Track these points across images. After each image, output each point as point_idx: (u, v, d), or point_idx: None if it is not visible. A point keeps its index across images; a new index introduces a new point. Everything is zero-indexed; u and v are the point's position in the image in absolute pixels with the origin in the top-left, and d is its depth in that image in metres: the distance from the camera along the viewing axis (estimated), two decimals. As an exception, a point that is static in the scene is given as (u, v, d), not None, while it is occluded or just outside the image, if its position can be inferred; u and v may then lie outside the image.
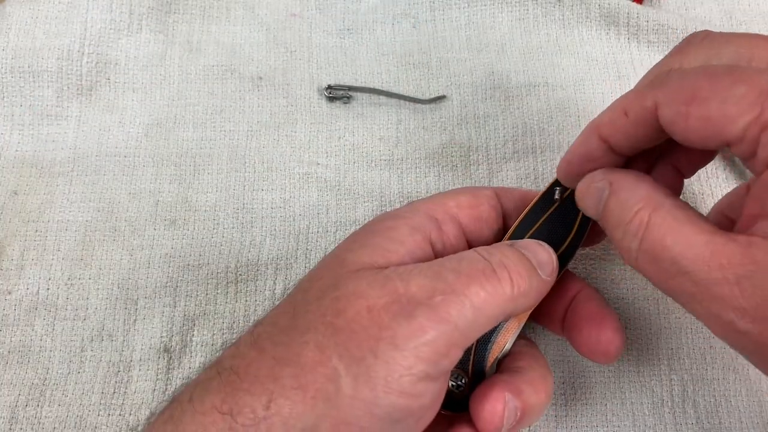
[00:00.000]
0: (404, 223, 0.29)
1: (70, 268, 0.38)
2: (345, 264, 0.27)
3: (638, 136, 0.26)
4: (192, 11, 0.45)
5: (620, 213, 0.25)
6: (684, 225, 0.23)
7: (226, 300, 0.37)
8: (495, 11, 0.45)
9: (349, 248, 0.28)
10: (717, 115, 0.22)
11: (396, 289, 0.25)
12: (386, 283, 0.25)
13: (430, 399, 0.25)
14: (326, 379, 0.24)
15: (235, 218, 0.39)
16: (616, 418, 0.34)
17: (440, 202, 0.31)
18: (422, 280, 0.25)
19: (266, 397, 0.24)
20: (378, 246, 0.28)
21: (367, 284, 0.25)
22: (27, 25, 0.42)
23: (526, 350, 0.30)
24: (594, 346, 0.29)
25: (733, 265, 0.21)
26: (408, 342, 0.24)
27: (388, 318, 0.24)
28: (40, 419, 0.34)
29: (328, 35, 0.45)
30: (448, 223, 0.30)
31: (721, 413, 0.34)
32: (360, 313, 0.24)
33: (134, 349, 0.36)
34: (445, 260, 0.26)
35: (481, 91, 0.43)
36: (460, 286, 0.25)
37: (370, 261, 0.27)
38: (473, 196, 0.31)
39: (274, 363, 0.25)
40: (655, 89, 0.25)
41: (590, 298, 0.30)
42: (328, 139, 0.42)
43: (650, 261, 0.24)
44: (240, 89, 0.43)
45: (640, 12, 0.43)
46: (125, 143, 0.41)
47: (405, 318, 0.24)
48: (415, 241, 0.28)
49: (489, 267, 0.26)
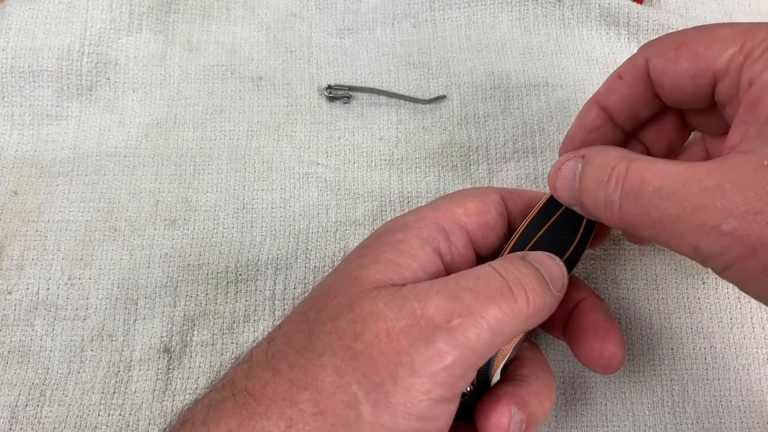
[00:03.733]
0: (414, 235, 0.28)
1: (70, 268, 0.38)
2: (359, 282, 0.27)
3: (633, 98, 0.28)
4: (192, 11, 0.45)
5: (598, 174, 0.26)
6: (660, 162, 0.24)
7: (226, 300, 0.37)
8: (495, 11, 0.45)
9: (360, 264, 0.28)
10: (704, 52, 0.25)
11: (414, 312, 0.24)
12: (404, 304, 0.25)
13: (445, 421, 0.25)
14: (346, 405, 0.24)
15: (235, 218, 0.39)
16: (616, 418, 0.34)
17: (448, 209, 0.30)
18: (439, 301, 0.25)
19: (285, 423, 0.24)
20: (390, 261, 0.27)
21: (384, 305, 0.25)
22: (27, 25, 0.42)
23: (530, 355, 0.30)
24: (596, 359, 0.29)
25: (712, 175, 0.22)
26: (426, 367, 0.24)
27: (407, 343, 0.24)
28: (40, 419, 0.34)
29: (328, 35, 0.45)
30: (456, 233, 0.29)
31: (721, 413, 0.34)
32: (378, 336, 0.24)
33: (134, 349, 0.36)
34: (461, 277, 0.26)
35: (481, 91, 0.43)
36: (477, 307, 0.24)
37: (384, 278, 0.26)
38: (481, 201, 0.30)
39: (290, 386, 0.25)
40: (645, 48, 0.27)
41: (594, 308, 0.30)
42: (328, 139, 0.42)
43: (633, 201, 0.24)
44: (240, 89, 0.43)
45: (640, 12, 0.43)
46: (125, 143, 0.41)
47: (423, 343, 0.24)
48: (426, 254, 0.28)
49: (506, 286, 0.25)
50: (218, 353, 0.36)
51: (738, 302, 0.36)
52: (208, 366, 0.36)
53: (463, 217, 0.30)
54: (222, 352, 0.36)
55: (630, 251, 0.38)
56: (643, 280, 0.37)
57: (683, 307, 0.36)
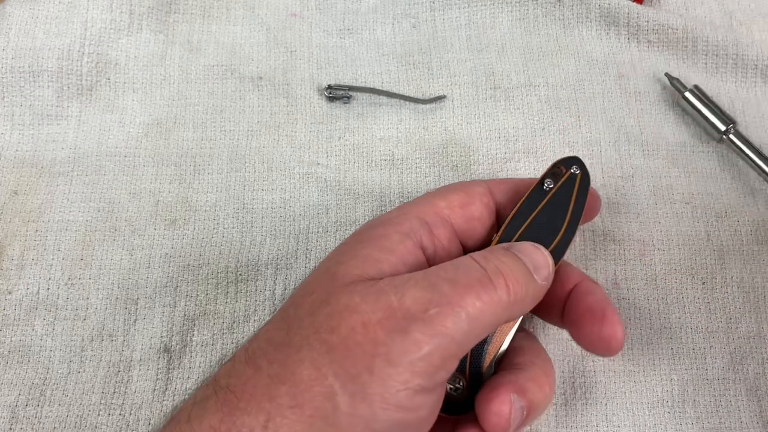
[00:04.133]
0: (394, 230, 0.28)
1: (70, 268, 0.38)
2: (336, 277, 0.27)
3: None
4: (192, 11, 0.45)
5: None
6: None
7: (226, 300, 0.37)
8: (495, 11, 0.45)
9: (339, 260, 0.28)
10: None
11: (390, 303, 0.24)
12: (380, 296, 0.25)
13: (428, 410, 0.25)
14: (323, 398, 0.24)
15: (235, 218, 0.39)
16: (616, 418, 0.34)
17: (431, 203, 0.30)
18: (417, 292, 0.25)
19: (264, 417, 0.24)
20: (368, 257, 0.27)
21: (360, 298, 0.25)
22: (27, 25, 0.42)
23: (526, 344, 0.30)
24: (596, 341, 0.29)
25: None
26: (403, 357, 0.23)
27: (383, 334, 0.24)
28: (40, 419, 0.34)
29: (328, 35, 0.45)
30: (440, 227, 0.29)
31: (721, 413, 0.34)
32: (354, 329, 0.24)
33: (134, 349, 0.36)
34: (440, 269, 0.26)
35: (481, 91, 0.43)
36: (455, 296, 0.24)
37: (362, 273, 0.26)
38: (465, 194, 0.31)
39: (269, 381, 0.25)
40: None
41: (588, 292, 0.30)
42: (328, 139, 0.42)
43: None
44: (240, 89, 0.43)
45: (640, 12, 0.43)
46: (125, 143, 0.41)
47: (400, 333, 0.24)
48: (407, 248, 0.28)
49: (485, 275, 0.25)
50: (218, 353, 0.36)
51: (738, 302, 0.36)
52: (208, 366, 0.36)
53: (446, 209, 0.30)
54: (222, 352, 0.36)
55: (630, 251, 0.38)
56: (643, 280, 0.37)
57: (683, 307, 0.36)
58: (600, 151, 0.40)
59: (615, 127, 0.41)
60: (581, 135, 0.41)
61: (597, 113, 0.41)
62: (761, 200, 0.39)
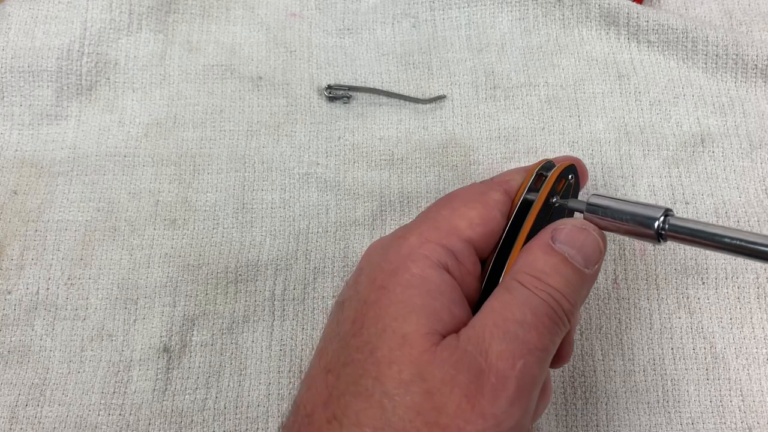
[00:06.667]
0: (428, 265, 0.26)
1: (69, 267, 0.38)
2: (409, 341, 0.24)
3: None
4: (192, 11, 0.45)
5: None
6: None
7: (226, 300, 0.37)
8: (495, 11, 0.45)
9: (397, 314, 0.25)
10: None
11: (480, 367, 0.24)
12: (470, 362, 0.24)
13: None
14: None
15: (235, 218, 0.39)
16: (616, 417, 0.34)
17: (450, 225, 0.28)
18: (498, 346, 0.24)
19: None
20: (425, 307, 0.25)
21: (454, 369, 0.24)
22: (27, 25, 0.42)
23: None
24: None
25: None
26: (507, 422, 0.24)
27: (487, 403, 0.24)
28: (40, 419, 0.34)
29: (328, 35, 0.45)
30: (464, 252, 0.28)
31: (721, 413, 0.34)
32: (461, 406, 0.23)
33: (134, 349, 0.36)
34: (503, 308, 0.25)
35: (481, 91, 0.43)
36: (533, 341, 0.25)
37: (430, 330, 0.25)
38: (483, 206, 0.29)
39: None
40: None
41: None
42: (328, 139, 0.42)
43: None
44: (240, 89, 0.43)
45: (640, 12, 0.43)
46: (125, 143, 0.41)
47: (500, 393, 0.24)
48: (446, 283, 0.26)
49: (549, 309, 0.26)
50: (218, 353, 0.36)
51: (738, 302, 0.36)
52: (208, 366, 0.36)
53: (467, 231, 0.28)
54: (222, 352, 0.36)
55: (630, 251, 0.38)
56: (643, 280, 0.37)
57: (683, 307, 0.36)
58: (600, 151, 0.40)
59: (615, 127, 0.41)
60: (581, 135, 0.41)
61: (597, 113, 0.41)
62: (761, 200, 0.39)
